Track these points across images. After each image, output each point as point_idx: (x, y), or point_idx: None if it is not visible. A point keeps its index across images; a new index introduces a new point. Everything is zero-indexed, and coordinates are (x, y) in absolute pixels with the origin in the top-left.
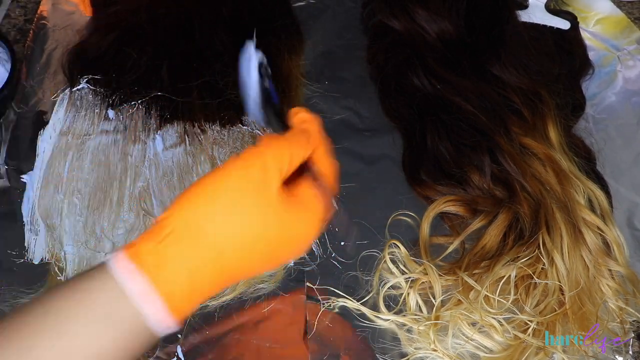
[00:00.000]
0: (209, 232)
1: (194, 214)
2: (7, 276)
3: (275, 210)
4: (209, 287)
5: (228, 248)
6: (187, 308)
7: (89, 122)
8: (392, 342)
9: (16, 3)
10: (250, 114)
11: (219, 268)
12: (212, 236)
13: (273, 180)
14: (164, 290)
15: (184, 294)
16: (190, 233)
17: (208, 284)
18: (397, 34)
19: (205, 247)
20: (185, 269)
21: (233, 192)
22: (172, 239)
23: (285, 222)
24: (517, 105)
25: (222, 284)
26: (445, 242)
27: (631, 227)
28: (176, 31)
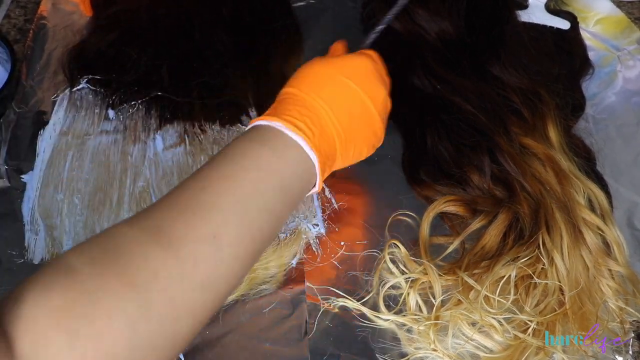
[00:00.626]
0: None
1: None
2: (7, 276)
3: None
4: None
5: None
6: (325, 171)
7: (89, 122)
8: (392, 342)
9: (16, 3)
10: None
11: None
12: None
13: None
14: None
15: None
16: (325, 120)
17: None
18: (397, 34)
19: (331, 120)
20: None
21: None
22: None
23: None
24: (517, 106)
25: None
26: (445, 242)
27: (631, 227)
28: (176, 31)
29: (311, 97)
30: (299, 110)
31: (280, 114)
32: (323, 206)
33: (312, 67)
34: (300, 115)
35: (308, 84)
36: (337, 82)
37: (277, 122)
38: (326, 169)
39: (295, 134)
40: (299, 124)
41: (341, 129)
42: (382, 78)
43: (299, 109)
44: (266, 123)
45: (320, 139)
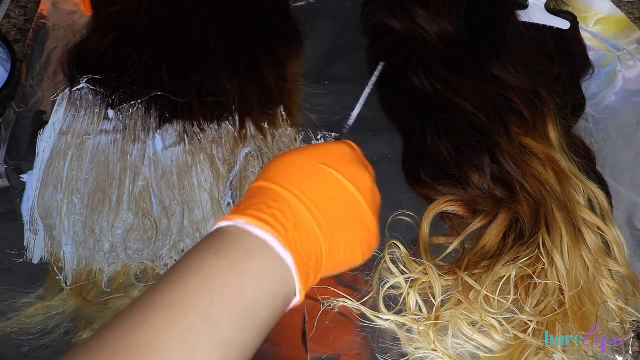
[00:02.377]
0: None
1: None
2: (6, 276)
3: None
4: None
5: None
6: (309, 275)
7: (89, 122)
8: (392, 342)
9: (16, 3)
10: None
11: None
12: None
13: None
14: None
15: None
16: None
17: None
18: (397, 34)
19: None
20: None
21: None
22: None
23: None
24: (517, 105)
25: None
26: (445, 242)
27: (631, 227)
28: (176, 31)
29: (286, 188)
30: (267, 203)
31: (244, 209)
32: None
33: (287, 157)
34: (268, 208)
35: (282, 175)
36: (313, 171)
37: (238, 219)
38: (310, 273)
39: (263, 230)
40: (266, 217)
41: (323, 220)
42: (365, 165)
43: (268, 202)
44: (226, 223)
45: (297, 234)
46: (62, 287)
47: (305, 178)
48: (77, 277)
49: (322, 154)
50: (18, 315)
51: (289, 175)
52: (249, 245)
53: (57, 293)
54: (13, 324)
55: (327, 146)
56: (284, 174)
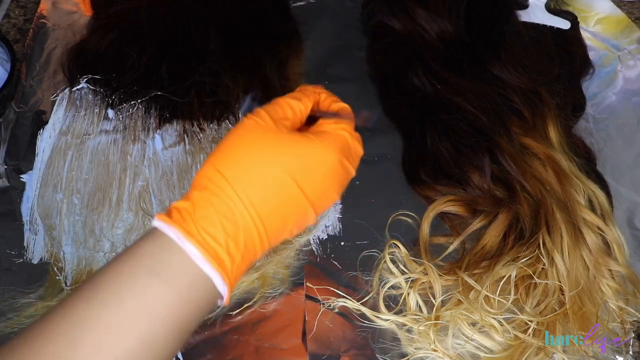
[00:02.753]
0: (236, 182)
1: (218, 170)
2: (6, 276)
3: (290, 144)
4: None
5: (255, 195)
6: (236, 270)
7: (89, 121)
8: (392, 342)
9: (16, 3)
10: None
11: (254, 220)
12: (240, 185)
13: (280, 123)
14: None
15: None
16: (218, 189)
17: (246, 239)
18: (397, 34)
19: (234, 200)
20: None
21: (248, 141)
22: (204, 197)
23: (303, 151)
24: (517, 105)
25: (262, 240)
26: (445, 242)
27: (631, 227)
28: (175, 31)
29: (241, 199)
30: (222, 225)
31: (198, 220)
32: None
33: (250, 148)
34: (224, 235)
35: (240, 173)
36: (276, 182)
37: (192, 246)
38: (239, 275)
39: (212, 267)
40: (219, 252)
41: (268, 240)
42: (340, 178)
43: (223, 223)
44: (174, 238)
45: (242, 264)
46: (62, 287)
47: (265, 190)
48: (77, 277)
49: (294, 161)
50: (18, 315)
51: (250, 179)
52: (194, 273)
53: (57, 293)
54: (13, 324)
55: (306, 150)
56: (244, 174)
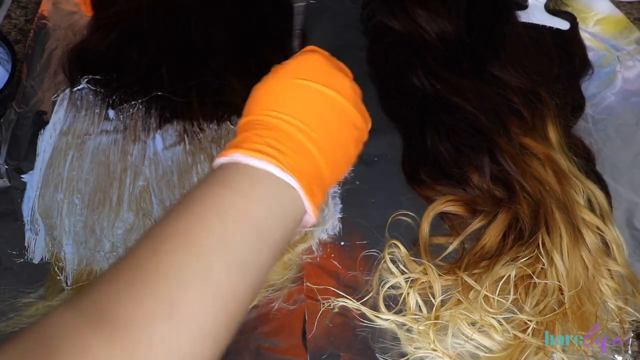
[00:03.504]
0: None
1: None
2: (7, 276)
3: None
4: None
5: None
6: (292, 160)
7: (89, 122)
8: (392, 342)
9: (17, 3)
10: None
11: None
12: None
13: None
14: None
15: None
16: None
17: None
18: (397, 34)
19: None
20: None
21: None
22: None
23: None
24: (516, 106)
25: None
26: (445, 242)
27: (631, 227)
28: (176, 31)
29: (269, 114)
30: (258, 134)
31: (238, 144)
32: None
33: (263, 85)
34: (261, 138)
35: (264, 104)
36: (290, 88)
37: (234, 154)
38: (315, 190)
39: (261, 159)
40: (261, 147)
41: (317, 136)
42: (338, 66)
43: (259, 132)
44: (224, 160)
45: (295, 157)
46: (63, 287)
47: (286, 99)
48: (77, 277)
49: (295, 68)
50: (19, 315)
51: (270, 101)
52: (251, 174)
53: (57, 293)
54: (14, 324)
55: (298, 59)
56: (265, 102)
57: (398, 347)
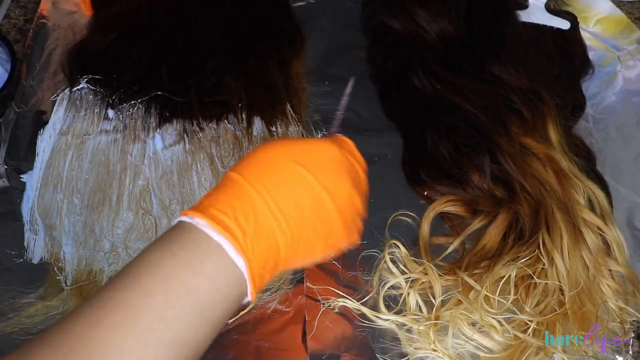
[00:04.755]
0: (246, 172)
1: (233, 170)
2: (6, 276)
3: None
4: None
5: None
6: (250, 243)
7: (89, 121)
8: (392, 342)
9: (16, 3)
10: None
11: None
12: (250, 175)
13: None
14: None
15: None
16: (230, 180)
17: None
18: (397, 34)
19: (241, 184)
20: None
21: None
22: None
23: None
24: (517, 106)
25: (277, 219)
26: (445, 242)
27: (631, 227)
28: (176, 31)
29: (252, 185)
30: (231, 203)
31: (208, 206)
32: None
33: (264, 150)
34: (232, 209)
35: (253, 170)
36: (286, 170)
37: (199, 219)
38: (265, 274)
39: (220, 234)
40: (227, 221)
41: (286, 225)
42: (349, 170)
43: (232, 201)
44: (188, 220)
45: (255, 239)
46: (62, 287)
47: (276, 177)
48: (77, 277)
49: (302, 152)
50: (18, 315)
51: (262, 171)
52: (206, 247)
53: (57, 293)
54: (13, 324)
55: (311, 144)
56: (257, 169)
57: (398, 348)
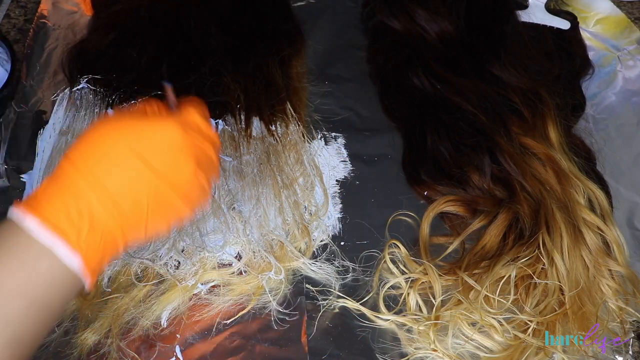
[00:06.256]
0: (79, 160)
1: (66, 156)
2: None
3: (133, 123)
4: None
5: (99, 169)
6: (86, 238)
7: (89, 121)
8: (392, 342)
9: (16, 3)
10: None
11: (95, 191)
12: (83, 163)
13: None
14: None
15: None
16: (60, 169)
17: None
18: (397, 34)
19: (70, 174)
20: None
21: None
22: (49, 180)
23: (144, 126)
24: (517, 105)
25: (109, 211)
26: (445, 242)
27: (631, 227)
28: (176, 31)
29: (84, 176)
30: (65, 201)
31: (42, 202)
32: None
33: (99, 133)
34: (65, 208)
35: (86, 156)
36: (120, 159)
37: (32, 220)
38: (103, 261)
39: (52, 235)
40: (59, 221)
41: (120, 213)
42: (192, 150)
43: (67, 199)
44: (20, 217)
45: (90, 236)
46: None
47: (110, 168)
48: None
49: (138, 137)
50: None
51: (95, 159)
52: (40, 247)
53: None
54: None
55: (150, 127)
56: (91, 156)
57: (398, 348)
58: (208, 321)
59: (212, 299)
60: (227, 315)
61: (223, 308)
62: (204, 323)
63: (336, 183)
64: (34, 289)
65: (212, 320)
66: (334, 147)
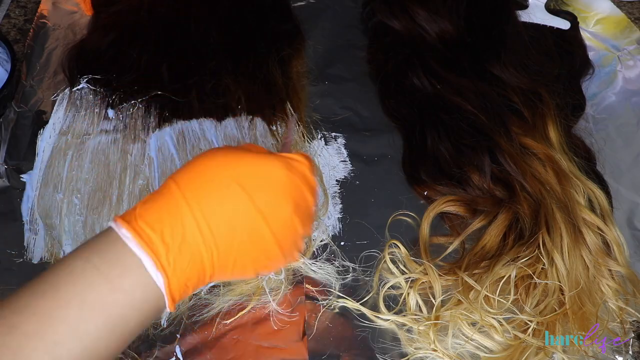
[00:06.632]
0: (184, 185)
1: (172, 178)
2: (6, 276)
3: (242, 157)
4: (192, 239)
5: (202, 198)
6: (173, 261)
7: (89, 121)
8: (392, 342)
9: (16, 3)
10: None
11: (195, 217)
12: (187, 188)
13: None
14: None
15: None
16: (166, 189)
17: (186, 231)
18: (397, 34)
19: (176, 197)
20: (158, 216)
21: (205, 156)
22: (152, 197)
23: (252, 161)
24: (517, 105)
25: (206, 239)
26: (445, 242)
27: (631, 227)
28: (176, 31)
29: (187, 199)
30: (161, 216)
31: (138, 216)
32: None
33: (208, 161)
34: (159, 223)
35: (191, 181)
36: (224, 188)
37: (126, 231)
38: (187, 289)
39: (142, 250)
40: (151, 236)
41: (213, 243)
42: (293, 194)
43: (162, 214)
44: (116, 229)
45: (179, 256)
46: None
47: (212, 194)
48: None
49: (245, 171)
50: None
51: (199, 185)
52: (127, 262)
53: None
54: None
55: (257, 163)
56: (196, 181)
57: (398, 348)
58: (208, 321)
59: (212, 299)
60: (227, 315)
61: (223, 308)
62: (204, 323)
63: (336, 183)
64: (114, 306)
65: (212, 320)
66: (334, 147)
